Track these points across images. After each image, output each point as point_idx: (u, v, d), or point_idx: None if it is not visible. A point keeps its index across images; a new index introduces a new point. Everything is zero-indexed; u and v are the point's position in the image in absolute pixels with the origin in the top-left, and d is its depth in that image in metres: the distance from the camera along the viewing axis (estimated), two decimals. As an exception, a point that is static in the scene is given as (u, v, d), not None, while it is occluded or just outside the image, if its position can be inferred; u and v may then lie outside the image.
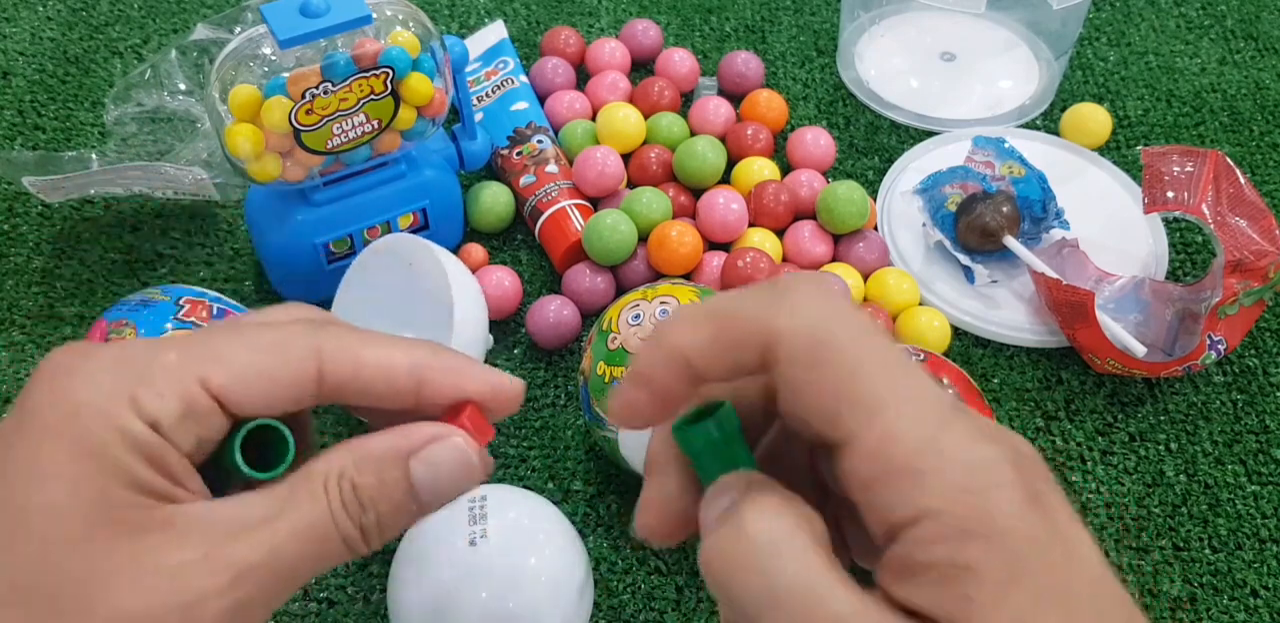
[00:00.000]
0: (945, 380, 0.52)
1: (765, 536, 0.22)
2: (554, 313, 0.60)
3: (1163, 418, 0.59)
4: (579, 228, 0.63)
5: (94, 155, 0.65)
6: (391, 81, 0.53)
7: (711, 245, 0.64)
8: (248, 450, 0.26)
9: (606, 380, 0.50)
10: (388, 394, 0.26)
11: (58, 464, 0.23)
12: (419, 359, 0.26)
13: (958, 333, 0.62)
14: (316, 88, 0.52)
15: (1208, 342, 0.56)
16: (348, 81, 0.52)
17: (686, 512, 0.25)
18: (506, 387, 0.27)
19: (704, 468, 0.25)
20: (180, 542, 0.23)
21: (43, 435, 0.23)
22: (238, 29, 0.69)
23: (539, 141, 0.68)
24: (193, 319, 0.52)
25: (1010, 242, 0.62)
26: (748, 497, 0.23)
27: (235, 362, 0.25)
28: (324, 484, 0.25)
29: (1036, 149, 0.69)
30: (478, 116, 0.70)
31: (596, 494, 0.56)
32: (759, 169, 0.66)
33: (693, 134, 0.70)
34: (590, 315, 0.62)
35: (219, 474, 0.26)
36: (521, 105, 0.70)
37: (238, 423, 0.25)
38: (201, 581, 0.23)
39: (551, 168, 0.66)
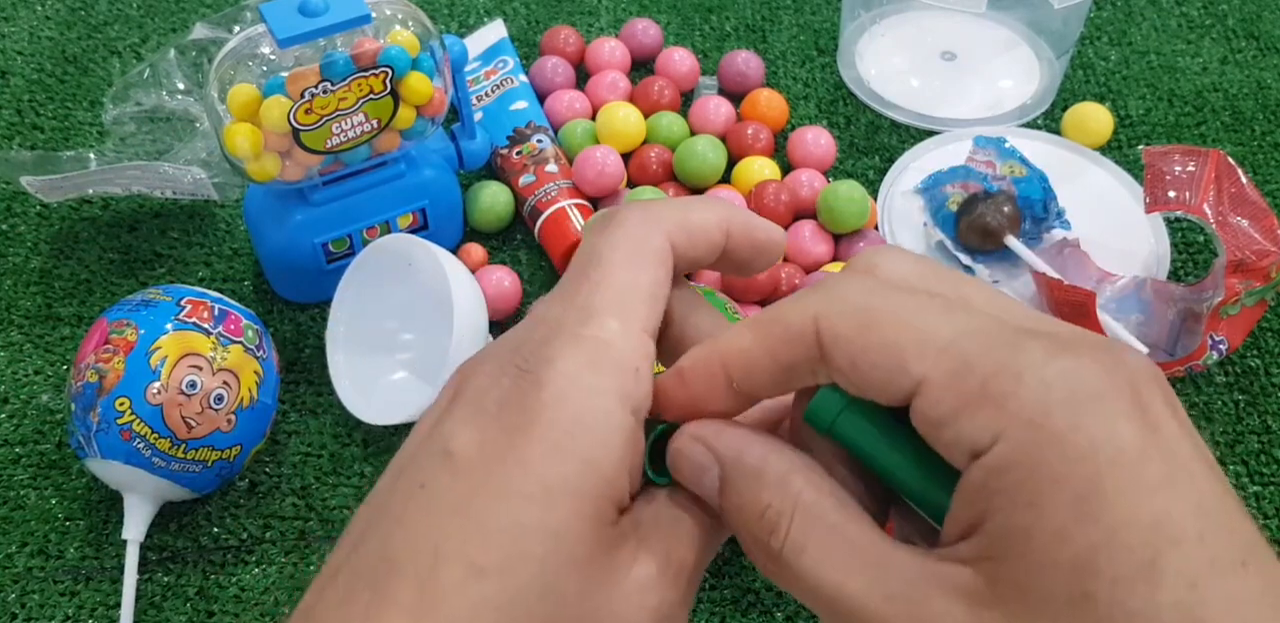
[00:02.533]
0: None
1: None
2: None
3: (1164, 418, 0.59)
4: (579, 228, 0.63)
5: (92, 155, 0.65)
6: (391, 81, 0.53)
7: (712, 245, 0.64)
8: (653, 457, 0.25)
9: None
10: (708, 248, 0.27)
11: (566, 482, 0.22)
12: (724, 216, 0.27)
13: (959, 333, 0.62)
14: (315, 87, 0.51)
15: (1209, 342, 0.56)
16: (347, 81, 0.52)
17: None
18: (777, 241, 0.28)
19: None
20: (639, 555, 0.23)
21: (551, 448, 0.22)
22: (236, 28, 0.68)
23: (538, 141, 0.67)
24: (194, 320, 0.52)
25: (1011, 242, 0.62)
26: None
27: (641, 298, 0.24)
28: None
29: (1038, 149, 0.69)
30: (477, 116, 0.70)
31: (596, 495, 0.55)
32: (759, 169, 0.66)
33: (693, 134, 0.70)
34: (590, 315, 0.61)
35: None
36: (521, 105, 0.70)
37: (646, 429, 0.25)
38: (666, 593, 0.23)
39: (551, 167, 0.66)
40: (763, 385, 0.23)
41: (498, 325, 0.62)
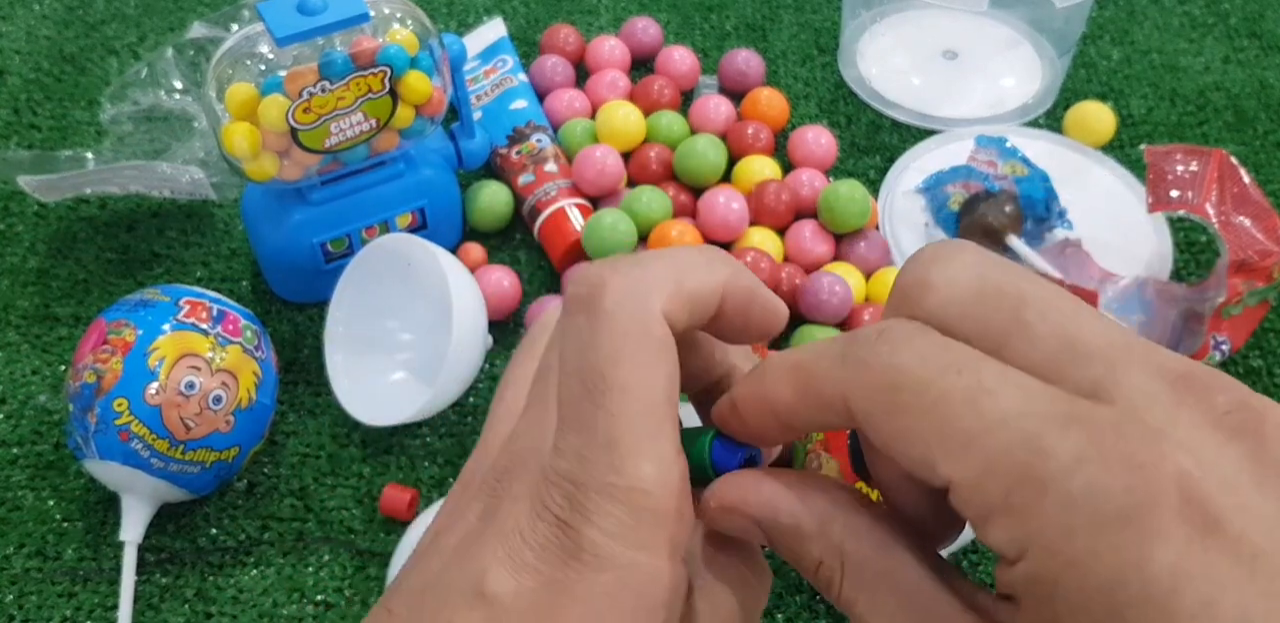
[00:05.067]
0: None
1: None
2: (553, 313, 0.59)
3: (1167, 419, 0.58)
4: (578, 227, 0.62)
5: (90, 155, 0.64)
6: (389, 80, 0.53)
7: (712, 245, 0.63)
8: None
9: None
10: (702, 313, 0.24)
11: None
12: (723, 278, 0.24)
13: (960, 333, 0.61)
14: (314, 86, 0.51)
15: (1212, 342, 0.56)
16: (345, 80, 0.52)
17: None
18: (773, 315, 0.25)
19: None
20: None
21: (592, 613, 0.21)
22: (234, 27, 0.68)
23: (538, 140, 0.67)
24: (192, 320, 0.51)
25: (1013, 241, 0.61)
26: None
27: (661, 419, 0.23)
28: None
29: (1039, 148, 0.69)
30: (476, 115, 0.69)
31: (596, 496, 0.55)
32: (760, 168, 0.66)
33: (693, 133, 0.69)
34: (590, 316, 0.61)
35: None
36: (520, 104, 0.70)
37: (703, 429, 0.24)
38: None
39: (551, 167, 0.66)
40: (813, 429, 0.23)
41: (497, 325, 0.61)
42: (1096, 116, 0.70)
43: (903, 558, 0.21)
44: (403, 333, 0.59)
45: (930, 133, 0.72)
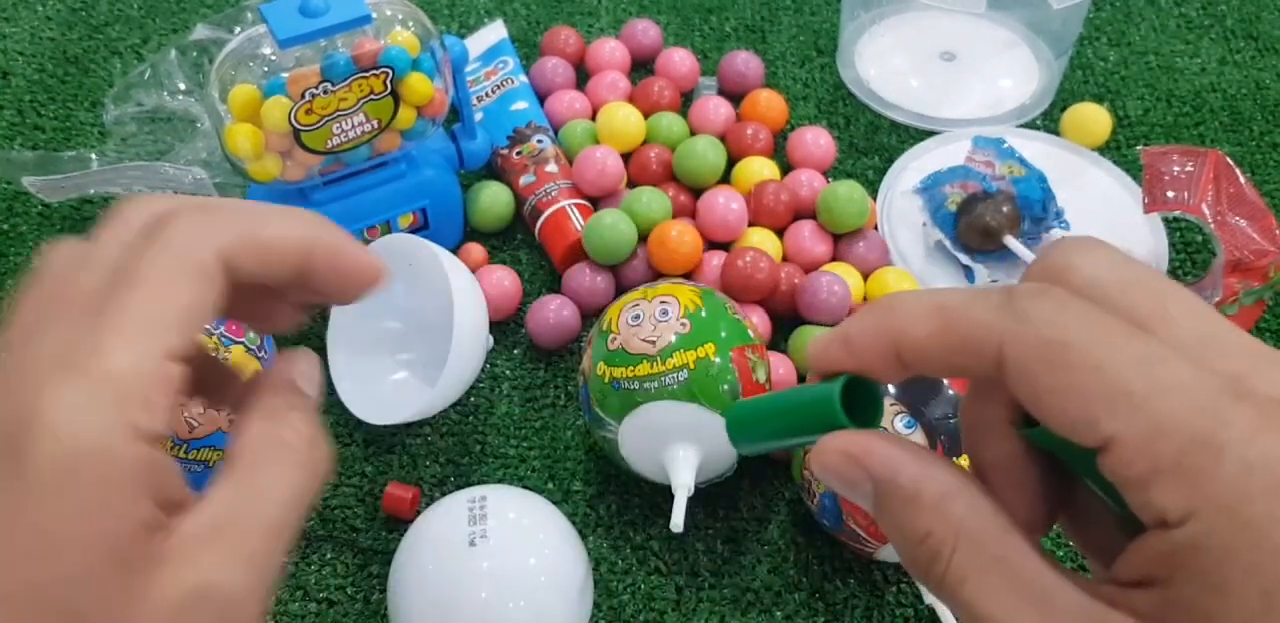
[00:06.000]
0: None
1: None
2: (554, 313, 0.60)
3: (1163, 418, 0.59)
4: (579, 228, 0.63)
5: (94, 155, 0.65)
6: (391, 81, 0.53)
7: (711, 245, 0.64)
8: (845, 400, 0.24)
9: (606, 380, 0.50)
10: (279, 268, 0.25)
11: (69, 530, 0.21)
12: (307, 234, 0.25)
13: (958, 333, 0.62)
14: (316, 88, 0.52)
15: (1208, 342, 0.56)
16: (347, 81, 0.52)
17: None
18: (364, 267, 0.26)
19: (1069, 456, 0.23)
20: (171, 578, 0.22)
21: (46, 499, 0.21)
22: (237, 29, 0.69)
23: (539, 141, 0.67)
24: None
25: (1010, 242, 0.62)
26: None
27: (178, 312, 0.23)
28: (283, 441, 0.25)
29: (1036, 149, 0.69)
30: (477, 116, 0.70)
31: (596, 494, 0.55)
32: (759, 169, 0.66)
33: (693, 134, 0.70)
34: (590, 315, 0.62)
35: None
36: (521, 105, 0.70)
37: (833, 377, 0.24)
38: (201, 618, 0.22)
39: (551, 168, 0.66)
40: (934, 371, 0.23)
41: (498, 325, 0.62)
42: (1093, 118, 0.70)
43: (1022, 546, 0.21)
44: (404, 333, 0.60)
45: (928, 134, 0.72)
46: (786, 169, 0.69)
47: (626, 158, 0.67)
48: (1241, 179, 0.59)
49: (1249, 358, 0.20)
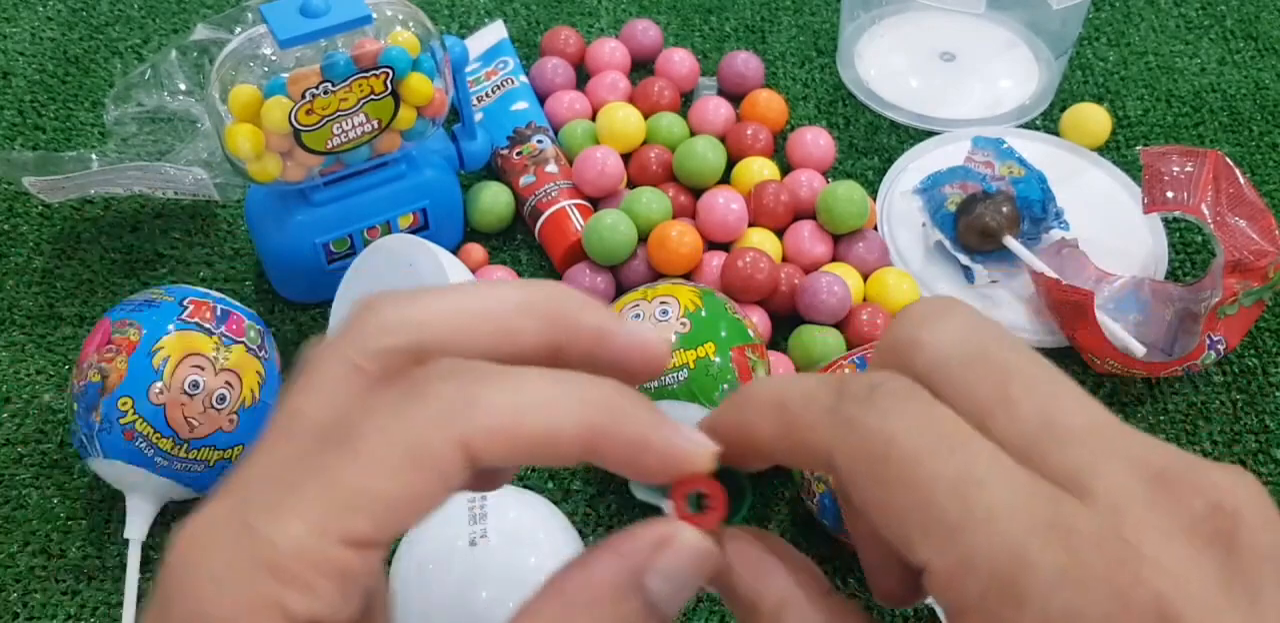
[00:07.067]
0: None
1: None
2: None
3: (1162, 418, 0.59)
4: (579, 228, 0.63)
5: (94, 155, 0.65)
6: (391, 81, 0.53)
7: (711, 245, 0.64)
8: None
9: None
10: (553, 461, 0.21)
11: None
12: (592, 423, 0.21)
13: (957, 333, 0.62)
14: (316, 88, 0.52)
15: (1207, 342, 0.56)
16: (348, 81, 0.52)
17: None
18: (701, 455, 0.22)
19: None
20: None
21: None
22: (238, 29, 0.69)
23: (539, 141, 0.68)
24: (196, 320, 0.52)
25: (1010, 242, 0.62)
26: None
27: (374, 500, 0.20)
28: None
29: (1036, 149, 0.69)
30: (478, 116, 0.70)
31: (596, 494, 0.56)
32: (759, 169, 0.66)
33: (693, 134, 0.70)
34: (590, 315, 0.62)
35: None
36: (521, 105, 0.70)
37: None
38: None
39: (551, 168, 0.66)
40: (790, 465, 0.23)
41: (498, 325, 0.62)
42: (1093, 118, 0.70)
43: None
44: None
45: (928, 134, 0.72)
46: (786, 169, 0.69)
47: (626, 158, 0.67)
48: (1241, 179, 0.59)
49: (1088, 448, 0.19)
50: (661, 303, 0.52)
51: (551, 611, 0.21)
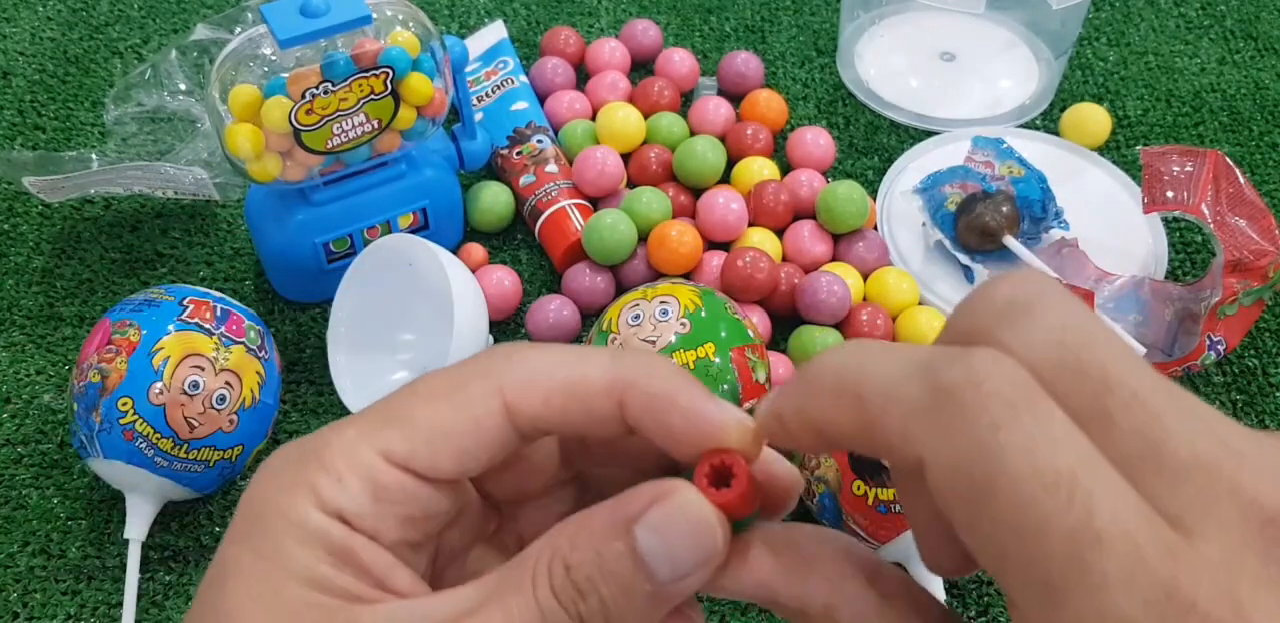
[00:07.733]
0: None
1: None
2: (554, 313, 0.60)
3: (1162, 418, 0.59)
4: (579, 228, 0.63)
5: (94, 155, 0.65)
6: (391, 81, 0.53)
7: (711, 245, 0.64)
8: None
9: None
10: (591, 422, 0.22)
11: (240, 566, 0.22)
12: (620, 374, 0.22)
13: (957, 333, 0.62)
14: (316, 88, 0.52)
15: (1207, 342, 0.56)
16: (348, 81, 0.52)
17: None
18: (731, 426, 0.22)
19: None
20: None
21: (232, 538, 0.22)
22: (238, 29, 0.69)
23: (539, 141, 0.68)
24: (196, 320, 0.52)
25: (1010, 242, 0.62)
26: None
27: (413, 424, 0.22)
28: (532, 569, 0.21)
29: (1036, 149, 0.69)
30: (478, 116, 0.70)
31: (596, 494, 0.56)
32: (759, 169, 0.66)
33: (692, 134, 0.70)
34: (590, 315, 0.62)
35: None
36: (521, 105, 0.70)
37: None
38: None
39: (551, 168, 0.66)
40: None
41: (498, 325, 0.62)
42: (1093, 118, 0.70)
43: None
44: (404, 333, 0.60)
45: (928, 134, 0.72)
46: (786, 169, 0.69)
47: (626, 158, 0.67)
48: (1241, 179, 0.59)
49: (1197, 487, 0.17)
50: (661, 303, 0.52)
51: (541, 545, 0.21)
